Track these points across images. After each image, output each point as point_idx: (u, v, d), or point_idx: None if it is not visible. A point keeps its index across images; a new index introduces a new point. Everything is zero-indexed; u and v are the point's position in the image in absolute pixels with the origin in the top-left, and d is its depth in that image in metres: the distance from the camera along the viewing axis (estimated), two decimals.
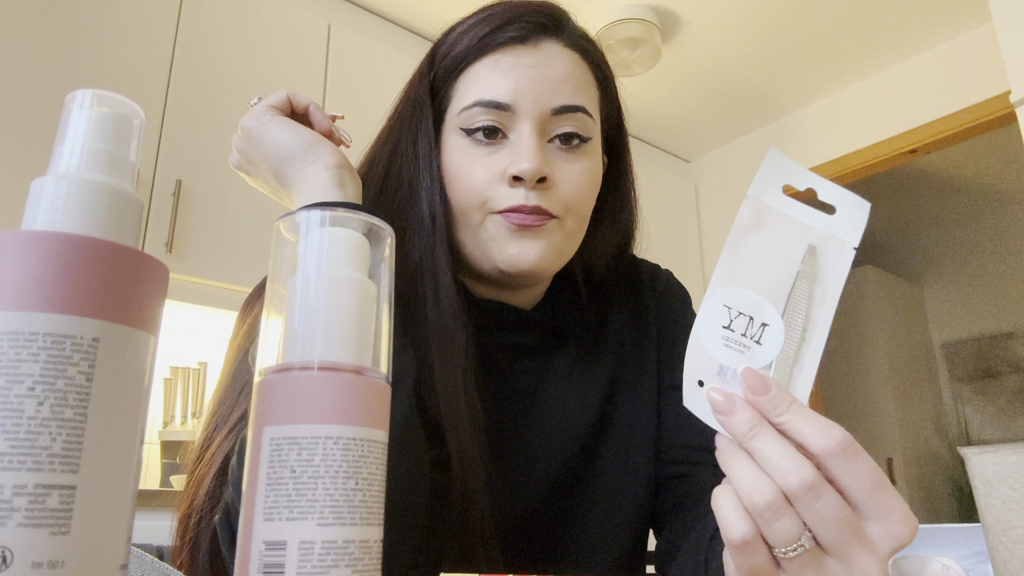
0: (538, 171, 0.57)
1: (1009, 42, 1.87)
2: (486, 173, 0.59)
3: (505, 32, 0.60)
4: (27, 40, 1.68)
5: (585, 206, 0.62)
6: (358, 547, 0.24)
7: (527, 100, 0.58)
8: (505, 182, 0.58)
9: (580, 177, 0.60)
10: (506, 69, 0.59)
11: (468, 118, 0.59)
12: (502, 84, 0.59)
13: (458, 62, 0.61)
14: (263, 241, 1.88)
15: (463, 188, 0.59)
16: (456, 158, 0.60)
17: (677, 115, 3.15)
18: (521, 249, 0.58)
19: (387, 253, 0.30)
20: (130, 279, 0.23)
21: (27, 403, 0.21)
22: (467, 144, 0.60)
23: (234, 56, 2.01)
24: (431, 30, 2.57)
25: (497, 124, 0.59)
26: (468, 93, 0.60)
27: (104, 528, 0.22)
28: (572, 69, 0.61)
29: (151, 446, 1.88)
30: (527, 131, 0.58)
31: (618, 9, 2.46)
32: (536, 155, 0.57)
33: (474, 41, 0.61)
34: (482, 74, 0.60)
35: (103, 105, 0.26)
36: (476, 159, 0.59)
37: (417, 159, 0.61)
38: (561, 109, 0.59)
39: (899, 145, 2.81)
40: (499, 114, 0.59)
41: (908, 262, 4.56)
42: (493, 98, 0.58)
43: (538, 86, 0.59)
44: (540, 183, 0.58)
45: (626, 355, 0.69)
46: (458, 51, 0.61)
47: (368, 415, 0.26)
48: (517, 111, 0.58)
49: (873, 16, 2.57)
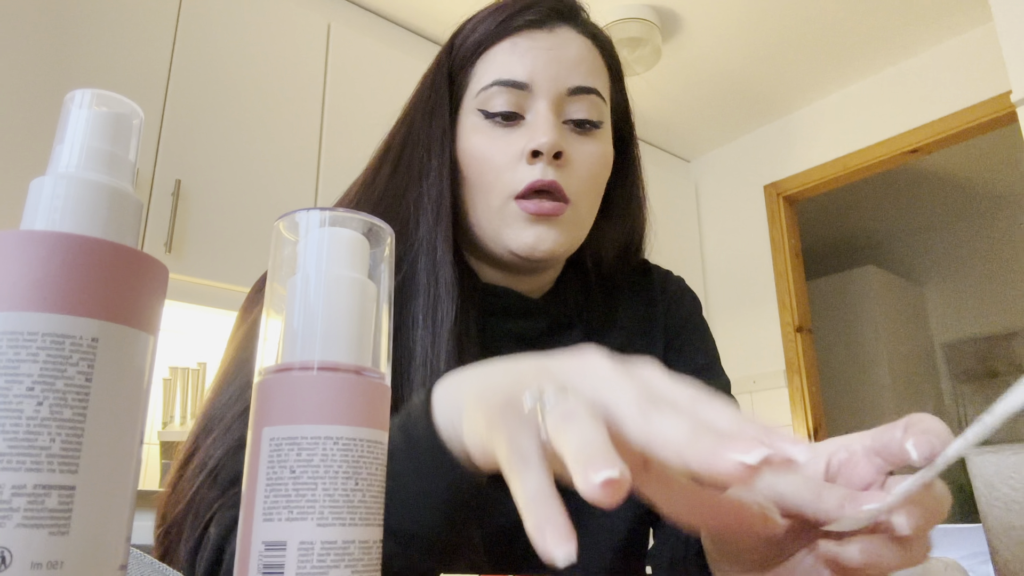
0: (555, 144, 0.58)
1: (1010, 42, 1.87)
2: (505, 153, 0.60)
3: (522, 16, 0.63)
4: (27, 40, 1.68)
5: (595, 190, 0.64)
6: (358, 547, 0.24)
7: (543, 79, 0.61)
8: (524, 160, 0.59)
9: (592, 159, 0.62)
10: (523, 51, 0.62)
11: (486, 98, 0.61)
12: (519, 64, 0.61)
13: (476, 47, 0.64)
14: (263, 241, 1.88)
15: (484, 169, 0.61)
16: (475, 140, 0.62)
17: (677, 115, 3.15)
18: (537, 237, 0.60)
19: (387, 253, 0.30)
20: (129, 279, 0.23)
21: (26, 403, 0.21)
22: (486, 126, 0.62)
23: (234, 56, 2.01)
24: (431, 30, 2.58)
25: (515, 107, 0.61)
26: (486, 74, 0.62)
27: (103, 528, 0.22)
28: (586, 53, 0.63)
29: (150, 446, 1.88)
30: (544, 109, 0.60)
31: (618, 8, 2.46)
32: (553, 130, 0.59)
33: (492, 27, 0.63)
34: (500, 56, 0.62)
35: (102, 105, 0.26)
36: (495, 140, 0.61)
37: (430, 141, 0.63)
38: (576, 90, 0.61)
39: (899, 145, 2.81)
40: (517, 94, 0.61)
41: (908, 262, 4.56)
42: (511, 77, 0.61)
43: (555, 66, 0.61)
44: (556, 159, 0.60)
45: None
46: (476, 37, 0.64)
47: (368, 415, 0.26)
48: (534, 90, 0.61)
49: (873, 16, 2.57)
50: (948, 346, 4.32)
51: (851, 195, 3.77)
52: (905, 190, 3.98)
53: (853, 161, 2.93)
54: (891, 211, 4.22)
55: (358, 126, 2.15)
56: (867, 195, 3.95)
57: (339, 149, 2.12)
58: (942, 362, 4.34)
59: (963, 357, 4.23)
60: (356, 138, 2.16)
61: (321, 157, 2.10)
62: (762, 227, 3.15)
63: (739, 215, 3.25)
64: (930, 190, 4.00)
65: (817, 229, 4.18)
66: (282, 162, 2.01)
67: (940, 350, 4.36)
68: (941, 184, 3.95)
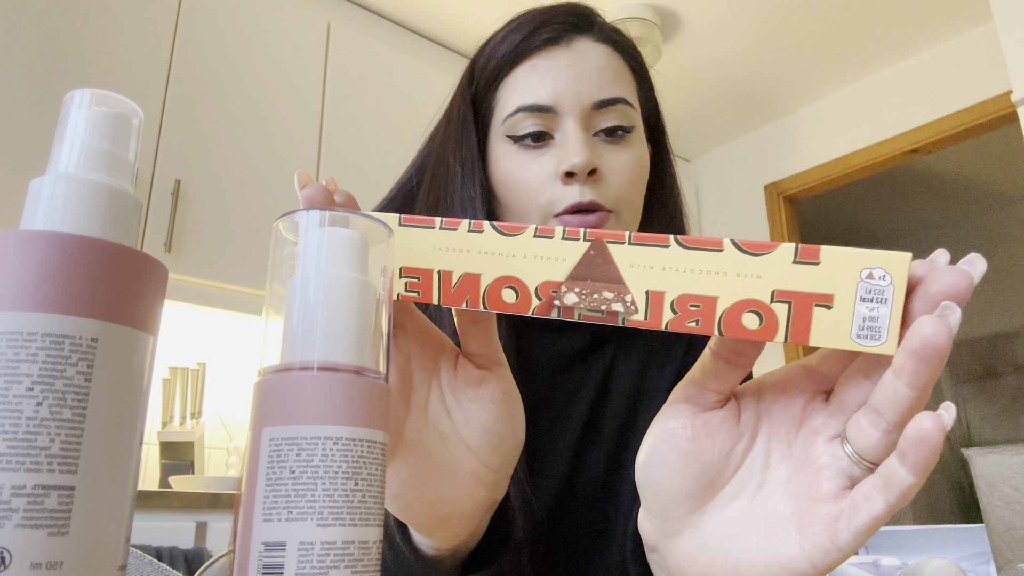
0: (588, 163, 0.58)
1: (1010, 41, 1.87)
2: (538, 176, 0.60)
3: (538, 36, 0.62)
4: (26, 40, 1.68)
5: (637, 196, 0.63)
6: (357, 548, 0.24)
7: (567, 99, 0.60)
8: (558, 181, 0.59)
9: (628, 166, 0.61)
10: (544, 72, 0.61)
11: (513, 125, 0.61)
12: (541, 87, 0.60)
13: (496, 72, 0.63)
14: (262, 241, 1.88)
15: (519, 193, 0.60)
16: (507, 165, 0.61)
17: (677, 114, 3.13)
18: None
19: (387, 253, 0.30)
20: (129, 279, 0.23)
21: (25, 403, 0.21)
22: (515, 150, 0.61)
23: (233, 55, 2.01)
24: (431, 29, 2.58)
25: (543, 127, 0.60)
26: (510, 100, 0.62)
27: (103, 529, 0.22)
28: (607, 62, 0.63)
29: (150, 447, 1.88)
30: (572, 127, 0.59)
31: (619, 8, 2.46)
32: (584, 148, 0.58)
33: (509, 49, 0.62)
34: (521, 80, 0.62)
35: (102, 104, 0.26)
36: (528, 163, 0.60)
37: (461, 173, 0.62)
38: (602, 103, 0.61)
39: (900, 145, 2.81)
40: (543, 116, 0.60)
41: None
42: (535, 102, 0.60)
43: (577, 83, 0.60)
44: (591, 176, 0.59)
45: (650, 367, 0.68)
46: (495, 62, 0.63)
47: (368, 415, 0.26)
48: (560, 111, 0.60)
49: (873, 16, 2.57)
50: None
51: (851, 195, 3.77)
52: (905, 190, 3.98)
53: (853, 161, 2.93)
54: (891, 211, 4.22)
55: (358, 126, 2.15)
56: (867, 195, 3.95)
57: (339, 149, 2.12)
58: None
59: (964, 357, 4.23)
60: (356, 138, 2.16)
61: (321, 157, 2.10)
62: (762, 227, 3.15)
63: (739, 215, 3.25)
64: (930, 190, 4.00)
65: (817, 229, 4.18)
66: (282, 162, 2.01)
67: None
68: (941, 184, 3.95)
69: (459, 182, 0.62)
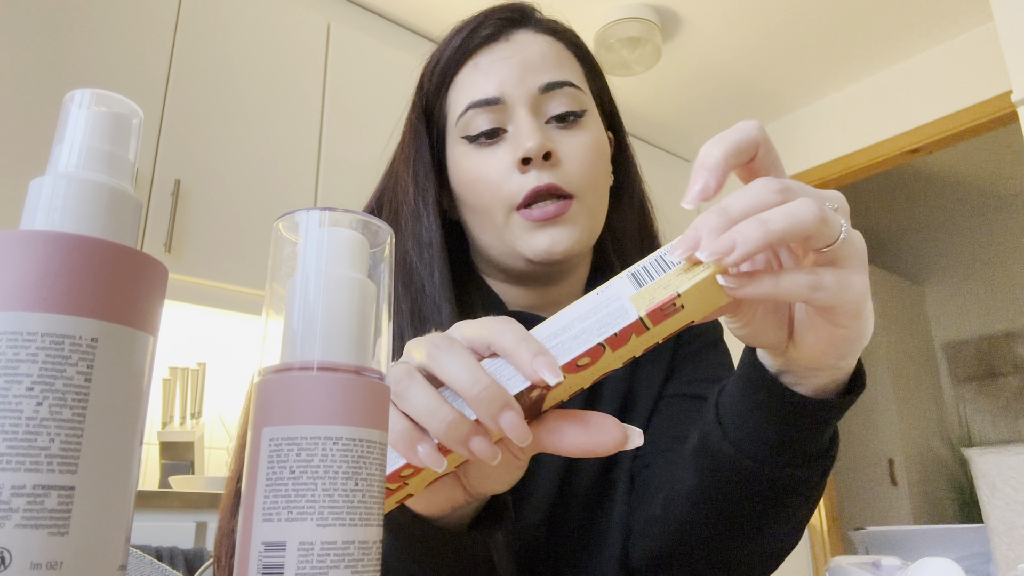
0: (541, 147, 0.58)
1: (1010, 41, 1.87)
2: (496, 170, 0.61)
3: (478, 35, 0.64)
4: (26, 40, 1.68)
5: (598, 178, 0.63)
6: (357, 548, 0.24)
7: (513, 87, 0.61)
8: (516, 171, 0.60)
9: (583, 149, 0.62)
10: (487, 67, 0.62)
11: (466, 125, 0.62)
12: (486, 81, 0.62)
13: (443, 77, 0.65)
14: (262, 241, 1.88)
15: (480, 190, 0.61)
16: (465, 165, 0.62)
17: (677, 115, 3.14)
18: (551, 240, 0.60)
19: (387, 253, 0.30)
20: (129, 279, 0.23)
21: (25, 403, 0.21)
22: (471, 150, 0.62)
23: (233, 55, 2.01)
24: (431, 29, 2.58)
25: (495, 123, 0.61)
26: (459, 101, 0.63)
27: (103, 529, 0.22)
28: (547, 49, 0.64)
29: (150, 447, 1.88)
30: (523, 116, 0.61)
31: (618, 8, 2.46)
32: (536, 132, 0.59)
33: (452, 53, 0.64)
34: (466, 79, 0.63)
35: (102, 104, 0.26)
36: (484, 160, 0.61)
37: (414, 186, 0.64)
38: (548, 86, 0.62)
39: (900, 145, 2.81)
40: (493, 110, 0.61)
41: (909, 262, 4.56)
42: (482, 96, 0.61)
43: (520, 72, 0.62)
44: (547, 160, 0.59)
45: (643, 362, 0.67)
46: (440, 67, 0.65)
47: (368, 415, 0.26)
48: (508, 101, 0.61)
49: (873, 16, 2.57)
50: (948, 346, 4.32)
51: (851, 195, 3.76)
52: (905, 190, 3.98)
53: (854, 161, 2.93)
54: (891, 211, 4.22)
55: (358, 126, 2.15)
56: (867, 195, 3.95)
57: (339, 149, 2.12)
58: (942, 362, 4.34)
59: (964, 357, 4.23)
60: (356, 137, 2.16)
61: (321, 157, 2.10)
62: None
63: None
64: (930, 190, 4.00)
65: None
66: (282, 162, 2.01)
67: (940, 350, 4.36)
68: (941, 184, 3.95)
69: (411, 194, 0.63)
